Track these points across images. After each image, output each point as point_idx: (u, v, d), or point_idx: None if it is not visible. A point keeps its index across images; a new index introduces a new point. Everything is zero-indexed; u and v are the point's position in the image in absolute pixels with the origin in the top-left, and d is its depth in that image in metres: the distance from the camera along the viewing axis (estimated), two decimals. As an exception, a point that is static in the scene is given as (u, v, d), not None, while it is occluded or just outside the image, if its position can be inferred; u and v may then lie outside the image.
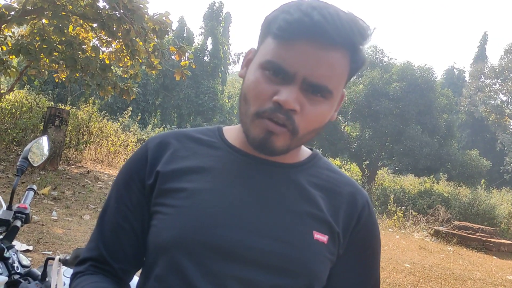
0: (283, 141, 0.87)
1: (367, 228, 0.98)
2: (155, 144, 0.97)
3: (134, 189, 0.95)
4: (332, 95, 0.88)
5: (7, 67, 12.52)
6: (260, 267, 0.86)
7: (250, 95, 0.87)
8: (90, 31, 13.93)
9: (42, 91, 18.54)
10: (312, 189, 0.95)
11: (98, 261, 0.96)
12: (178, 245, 0.87)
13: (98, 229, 0.98)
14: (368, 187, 16.83)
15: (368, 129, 18.43)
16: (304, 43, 0.82)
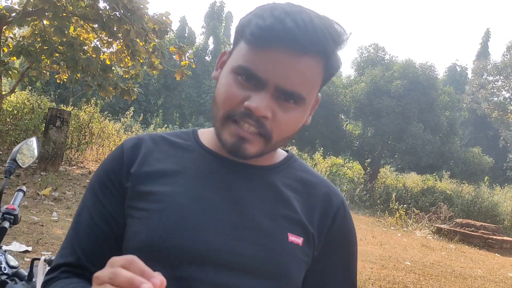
0: (256, 147, 0.86)
1: (342, 229, 0.97)
2: (131, 145, 0.95)
3: (111, 190, 0.93)
4: (305, 102, 0.87)
5: (8, 68, 12.55)
6: (233, 270, 0.85)
7: (221, 99, 0.87)
8: (91, 32, 13.96)
9: (44, 92, 18.59)
10: (287, 191, 0.94)
11: (74, 267, 0.92)
12: (149, 250, 0.85)
13: (74, 232, 0.95)
14: (370, 185, 16.82)
15: (370, 127, 18.40)
16: (277, 50, 0.82)
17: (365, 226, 11.96)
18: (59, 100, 18.93)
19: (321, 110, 17.52)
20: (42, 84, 20.09)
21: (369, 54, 19.32)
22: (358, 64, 19.47)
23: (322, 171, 16.63)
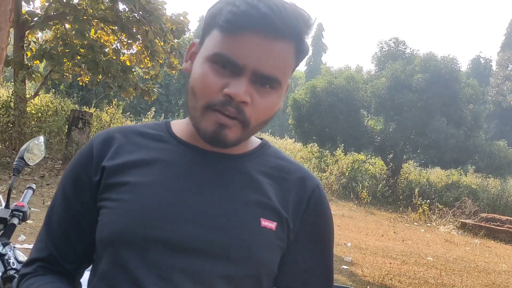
0: (235, 133, 0.87)
1: (317, 212, 0.98)
2: (100, 140, 0.96)
3: (81, 187, 0.94)
4: (281, 86, 0.89)
5: (32, 72, 12.81)
6: (206, 257, 0.86)
7: (198, 89, 0.87)
8: (111, 34, 14.14)
9: (68, 95, 18.93)
10: (260, 177, 0.95)
11: (48, 262, 0.95)
12: (121, 239, 0.87)
13: (46, 228, 0.97)
14: (393, 180, 16.63)
15: (391, 122, 18.16)
16: (252, 35, 0.83)
17: (387, 222, 11.86)
18: (82, 102, 19.25)
19: (342, 106, 17.40)
20: (66, 87, 20.45)
21: (389, 48, 19.07)
22: (378, 59, 19.24)
23: (343, 168, 16.53)
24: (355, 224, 10.66)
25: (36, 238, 0.98)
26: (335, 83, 17.98)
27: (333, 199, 14.85)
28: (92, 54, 12.65)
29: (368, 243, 8.38)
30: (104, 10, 12.89)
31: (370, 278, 5.92)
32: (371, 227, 10.65)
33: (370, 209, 14.04)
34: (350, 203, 14.50)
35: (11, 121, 11.64)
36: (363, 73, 20.52)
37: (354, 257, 6.96)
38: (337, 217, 11.48)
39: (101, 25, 13.62)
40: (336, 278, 5.60)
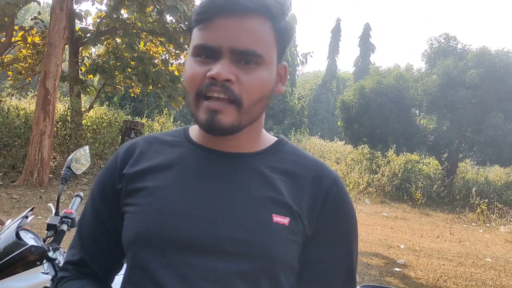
0: (230, 116, 0.89)
1: (335, 208, 0.96)
2: (124, 150, 1.02)
3: (107, 195, 1.00)
4: (264, 60, 0.90)
5: (86, 86, 13.34)
6: (220, 254, 0.88)
7: (187, 82, 0.92)
8: (159, 46, 14.52)
9: (121, 106, 19.57)
10: (273, 174, 0.96)
11: (80, 265, 1.02)
12: (140, 241, 0.91)
13: (78, 235, 1.05)
14: (448, 180, 16.12)
15: (445, 120, 17.62)
16: (221, 18, 0.87)
17: (443, 223, 11.51)
18: (134, 113, 19.85)
19: (392, 105, 17.06)
20: (119, 99, 21.16)
21: (439, 44, 18.53)
22: (428, 56, 18.73)
23: (396, 169, 16.18)
24: (409, 226, 10.41)
25: (71, 244, 1.05)
26: (384, 82, 17.66)
27: (386, 201, 14.57)
28: (142, 66, 13.04)
29: (423, 245, 8.17)
30: (152, 22, 13.29)
31: (424, 281, 5.77)
32: (426, 228, 10.37)
33: (425, 210, 13.67)
34: (403, 205, 14.17)
35: (68, 133, 12.16)
36: (413, 71, 20.01)
37: (407, 259, 6.80)
38: (390, 219, 11.26)
39: (150, 38, 14.04)
40: (388, 281, 5.50)
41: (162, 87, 13.32)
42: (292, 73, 30.64)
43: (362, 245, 7.51)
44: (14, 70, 14.07)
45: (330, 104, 33.77)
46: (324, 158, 19.23)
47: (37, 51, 13.58)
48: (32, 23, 13.35)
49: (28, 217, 2.02)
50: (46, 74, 9.88)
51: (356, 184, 15.03)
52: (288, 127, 26.72)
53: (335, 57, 39.53)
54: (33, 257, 1.82)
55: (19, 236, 1.88)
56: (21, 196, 8.54)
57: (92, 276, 1.02)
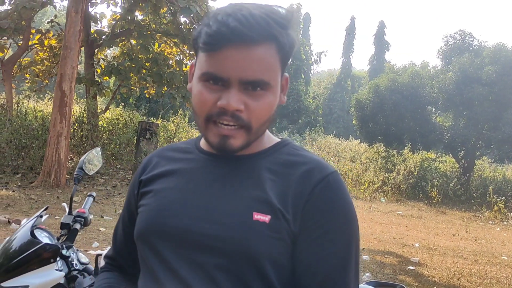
0: (240, 140, 0.96)
1: (322, 203, 0.96)
2: (146, 160, 1.16)
3: (131, 200, 1.15)
4: (271, 86, 0.95)
5: (102, 88, 13.49)
6: (204, 250, 0.94)
7: (197, 106, 0.98)
8: (173, 47, 14.63)
9: (136, 108, 19.76)
10: (265, 173, 1.00)
11: (112, 259, 1.21)
12: (139, 238, 1.03)
13: (114, 233, 1.23)
14: (465, 178, 15.97)
15: (461, 117, 17.46)
16: (228, 49, 0.91)
17: (460, 222, 11.42)
18: (150, 114, 20.02)
19: (407, 103, 16.96)
20: (134, 100, 21.36)
21: (455, 41, 18.36)
22: (444, 53, 18.58)
23: (411, 167, 16.08)
24: (424, 224, 10.36)
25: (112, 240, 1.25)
26: (399, 80, 17.56)
27: (402, 200, 14.49)
28: (157, 67, 13.17)
29: (438, 243, 8.13)
30: (166, 24, 13.41)
31: (437, 279, 5.75)
32: (441, 227, 10.31)
33: (441, 208, 13.57)
34: (419, 203, 14.09)
35: (85, 135, 12.32)
36: (429, 68, 19.83)
37: (421, 258, 6.78)
38: (405, 217, 11.21)
39: (164, 39, 14.17)
40: (402, 279, 5.50)
41: (176, 87, 13.42)
42: (306, 72, 30.60)
43: (376, 244, 7.51)
44: (31, 73, 14.31)
45: (345, 103, 33.66)
46: (339, 157, 19.19)
47: (54, 54, 13.79)
48: (49, 26, 13.56)
49: (43, 216, 2.08)
50: (63, 77, 10.04)
51: (371, 182, 14.97)
52: (303, 126, 26.71)
53: (349, 55, 39.36)
54: (47, 255, 1.89)
55: (34, 235, 1.94)
56: (39, 196, 8.70)
57: (120, 268, 1.20)
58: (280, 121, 27.82)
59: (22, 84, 17.28)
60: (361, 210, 11.49)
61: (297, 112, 27.77)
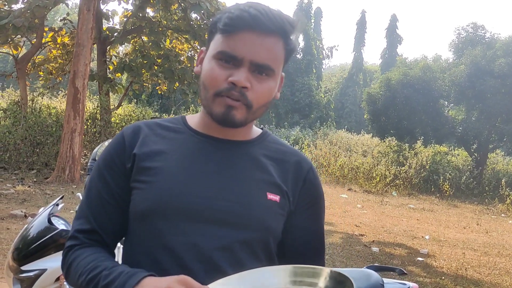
0: (241, 114, 1.06)
1: (312, 187, 1.19)
2: (130, 132, 1.15)
3: (115, 170, 1.12)
4: (275, 73, 1.08)
5: (114, 84, 13.64)
6: (224, 225, 1.05)
7: (208, 81, 1.07)
8: (184, 43, 14.72)
9: (149, 104, 19.93)
10: (263, 159, 1.15)
11: (90, 233, 1.12)
12: (154, 212, 1.05)
13: (86, 205, 1.14)
14: (477, 171, 15.90)
15: (474, 111, 17.34)
16: (246, 33, 1.03)
17: (471, 215, 11.41)
18: (162, 110, 20.18)
19: (419, 97, 16.89)
20: (147, 96, 21.54)
21: (467, 34, 18.22)
22: (456, 46, 18.44)
23: (423, 161, 16.04)
24: (435, 218, 10.37)
25: (76, 215, 1.16)
26: (411, 74, 17.47)
27: (413, 193, 14.48)
28: (168, 63, 13.29)
29: (448, 236, 8.15)
30: (177, 20, 13.51)
31: (446, 269, 5.80)
32: (452, 220, 10.31)
33: (453, 202, 13.54)
34: (431, 197, 14.07)
35: (98, 131, 12.50)
36: (441, 61, 19.72)
37: (431, 250, 6.82)
38: (416, 211, 11.22)
39: (175, 35, 14.28)
40: (410, 270, 5.55)
41: (188, 83, 13.53)
42: (318, 67, 30.56)
43: (386, 236, 7.56)
44: (45, 70, 14.52)
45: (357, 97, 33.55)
46: (351, 151, 19.16)
47: (67, 51, 13.98)
48: (61, 24, 13.74)
49: (59, 205, 2.19)
50: (76, 74, 10.20)
51: (383, 176, 14.97)
52: (314, 120, 26.70)
53: (361, 49, 39.17)
54: (63, 240, 2.00)
55: (51, 222, 2.06)
56: (54, 191, 8.88)
57: (100, 243, 1.13)
58: (292, 116, 27.84)
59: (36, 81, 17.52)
60: (372, 204, 11.53)
61: (308, 106, 27.78)
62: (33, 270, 1.97)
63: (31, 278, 1.96)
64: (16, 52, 13.09)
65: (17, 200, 7.86)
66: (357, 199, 12.14)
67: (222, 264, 1.04)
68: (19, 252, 2.00)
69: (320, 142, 19.91)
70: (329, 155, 17.65)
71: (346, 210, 9.76)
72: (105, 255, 1.10)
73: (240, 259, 1.06)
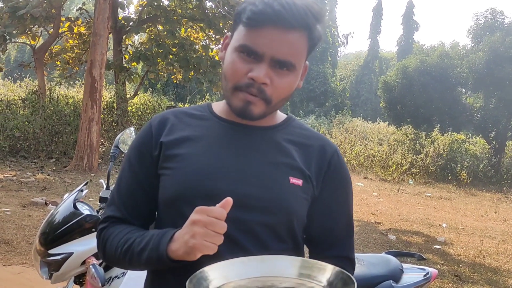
0: (259, 108, 1.08)
1: (337, 172, 1.19)
2: (157, 122, 1.19)
3: (143, 159, 1.17)
4: (295, 68, 1.08)
5: (130, 74, 13.71)
6: (247, 208, 1.08)
7: (229, 74, 1.08)
8: (199, 32, 14.72)
9: (164, 93, 20.02)
10: (287, 144, 1.16)
11: (120, 219, 1.17)
12: (181, 197, 1.09)
13: (117, 194, 1.20)
14: (496, 159, 15.73)
15: (492, 98, 17.12)
16: (268, 28, 1.03)
17: (489, 203, 11.31)
18: (177, 99, 20.27)
19: (436, 84, 16.71)
20: (162, 85, 21.64)
21: (485, 20, 17.93)
22: (474, 32, 18.17)
23: (440, 149, 15.91)
24: (452, 206, 10.31)
25: (108, 202, 1.22)
26: (428, 61, 17.28)
27: (430, 182, 14.39)
28: (183, 52, 13.32)
29: (465, 224, 8.11)
30: (192, 9, 13.51)
31: (463, 257, 5.78)
32: (470, 208, 10.25)
33: (470, 190, 13.44)
34: (448, 185, 13.97)
35: (115, 120, 12.62)
36: (459, 48, 19.44)
37: (448, 237, 6.81)
38: (433, 199, 11.17)
39: (190, 24, 14.28)
40: (427, 258, 5.55)
41: (203, 72, 13.55)
42: (333, 55, 30.36)
43: (403, 224, 7.55)
44: (62, 60, 14.65)
45: (373, 85, 33.31)
46: (367, 140, 19.08)
47: (83, 41, 14.08)
48: (78, 14, 13.84)
49: (83, 191, 2.25)
50: (92, 63, 10.28)
51: (399, 165, 14.90)
52: (330, 109, 26.61)
53: (377, 36, 38.80)
54: (89, 225, 2.05)
55: (76, 207, 2.11)
56: (73, 180, 9.02)
57: None
58: (307, 104, 27.75)
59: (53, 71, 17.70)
60: (388, 192, 11.49)
61: (324, 95, 27.66)
62: (60, 254, 2.02)
63: (58, 261, 2.02)
64: (34, 42, 13.22)
65: (38, 188, 8.00)
66: (373, 188, 12.12)
67: (247, 245, 1.08)
68: (46, 236, 2.05)
69: (335, 131, 19.85)
70: (344, 143, 17.60)
71: (362, 199, 9.75)
72: (135, 228, 1.15)
73: (264, 241, 1.10)
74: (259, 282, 0.96)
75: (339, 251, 1.20)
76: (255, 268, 0.99)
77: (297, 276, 0.98)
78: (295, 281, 0.97)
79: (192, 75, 13.97)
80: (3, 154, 11.03)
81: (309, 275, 0.97)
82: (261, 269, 0.99)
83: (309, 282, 0.96)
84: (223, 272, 0.97)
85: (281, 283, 0.96)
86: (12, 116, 11.75)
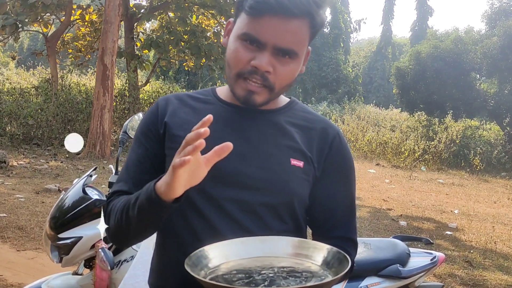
0: (262, 97, 1.11)
1: (339, 154, 1.21)
2: (163, 102, 1.24)
3: (150, 136, 1.21)
4: (298, 56, 1.10)
5: (142, 61, 13.73)
6: (249, 189, 1.11)
7: (232, 61, 1.10)
8: (211, 18, 14.67)
9: (176, 80, 20.05)
10: (289, 127, 1.19)
11: (126, 193, 1.18)
12: None
13: (126, 171, 1.23)
14: (510, 146, 15.56)
15: (506, 84, 16.89)
16: (270, 17, 1.04)
17: (503, 189, 11.22)
18: (189, 86, 20.29)
19: (450, 70, 16.52)
20: (174, 73, 21.67)
21: (501, 4, 17.61)
22: (489, 17, 17.87)
23: (453, 135, 15.77)
24: (465, 192, 10.25)
25: (117, 179, 1.25)
26: (442, 47, 17.06)
27: (443, 168, 14.30)
28: (195, 39, 13.30)
29: (478, 210, 8.07)
30: (203, -5, 13.46)
31: (475, 243, 5.76)
32: (483, 194, 10.17)
33: (483, 176, 13.33)
34: (461, 172, 13.87)
35: (127, 107, 12.69)
36: (473, 33, 19.16)
37: (459, 224, 6.78)
38: (446, 185, 11.11)
39: (201, 11, 14.24)
40: (438, 244, 5.54)
41: (214, 59, 13.53)
42: (345, 41, 30.08)
43: (415, 210, 7.52)
44: (74, 48, 14.72)
45: (386, 71, 33.00)
46: (379, 126, 18.96)
47: (95, 29, 14.13)
48: (89, 2, 13.86)
49: (92, 176, 2.28)
50: (104, 51, 10.32)
51: (412, 151, 14.81)
52: (342, 95, 26.44)
53: (390, 22, 38.30)
54: (97, 210, 2.09)
55: (85, 192, 2.14)
56: (85, 167, 9.12)
57: None
58: (319, 91, 27.62)
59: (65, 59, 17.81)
60: (401, 179, 11.45)
61: (336, 81, 27.48)
62: (70, 238, 2.06)
63: (68, 245, 2.06)
64: (46, 30, 13.30)
65: (51, 175, 8.11)
66: (385, 174, 12.07)
67: (249, 226, 1.11)
68: (56, 220, 2.09)
69: (347, 117, 19.75)
70: (356, 130, 17.52)
71: (374, 185, 9.72)
72: None
73: (265, 222, 1.12)
74: (257, 261, 0.99)
75: (341, 232, 1.21)
76: (254, 248, 1.01)
77: (295, 256, 1.00)
78: (293, 261, 0.99)
79: (203, 62, 13.97)
80: (17, 141, 11.17)
81: (307, 255, 0.99)
82: (260, 249, 1.01)
83: (306, 262, 0.97)
84: (223, 251, 0.99)
85: (279, 263, 0.98)
86: (25, 104, 11.88)
